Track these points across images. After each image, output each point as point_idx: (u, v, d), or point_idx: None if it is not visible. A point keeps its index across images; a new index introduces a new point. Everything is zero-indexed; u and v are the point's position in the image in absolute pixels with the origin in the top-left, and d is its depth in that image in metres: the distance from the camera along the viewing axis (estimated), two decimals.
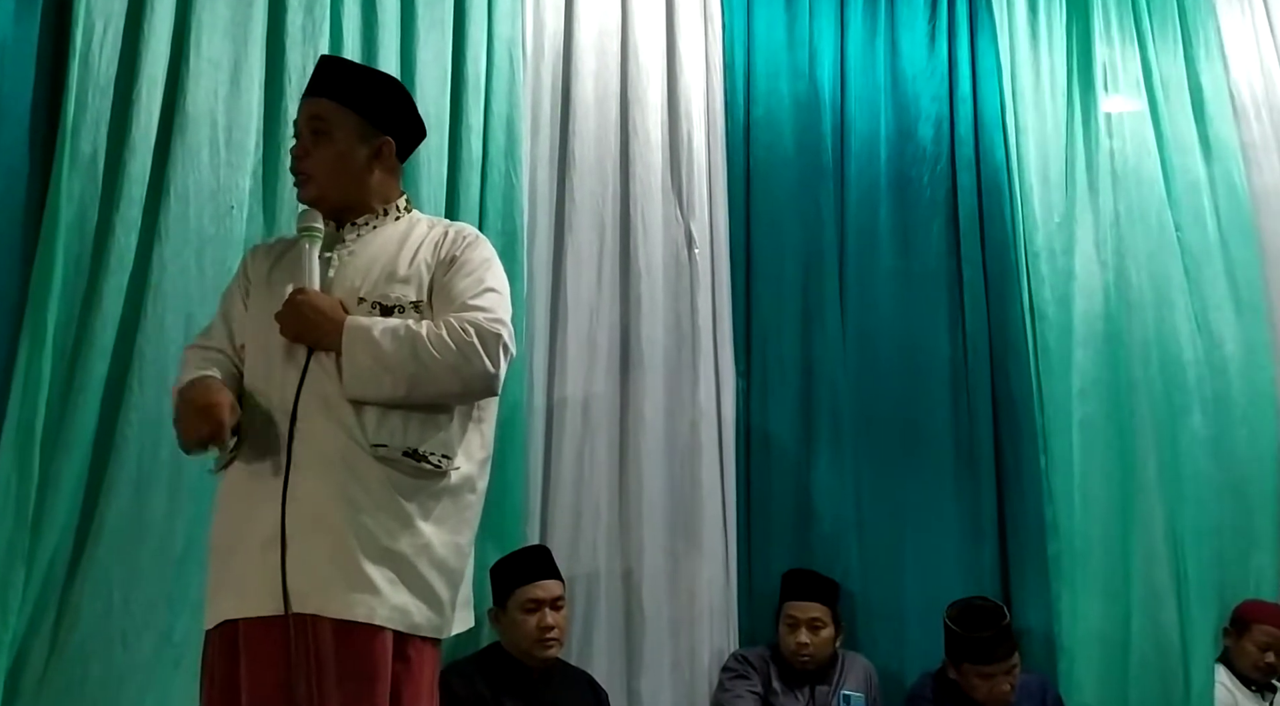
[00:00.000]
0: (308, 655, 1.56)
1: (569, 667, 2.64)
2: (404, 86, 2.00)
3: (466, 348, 1.68)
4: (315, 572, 1.58)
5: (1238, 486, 3.30)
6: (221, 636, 1.63)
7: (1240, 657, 3.12)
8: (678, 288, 3.10)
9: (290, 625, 1.55)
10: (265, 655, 1.57)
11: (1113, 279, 3.39)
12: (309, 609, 1.57)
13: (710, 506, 2.99)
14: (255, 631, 1.59)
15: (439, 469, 1.69)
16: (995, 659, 2.73)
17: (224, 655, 1.62)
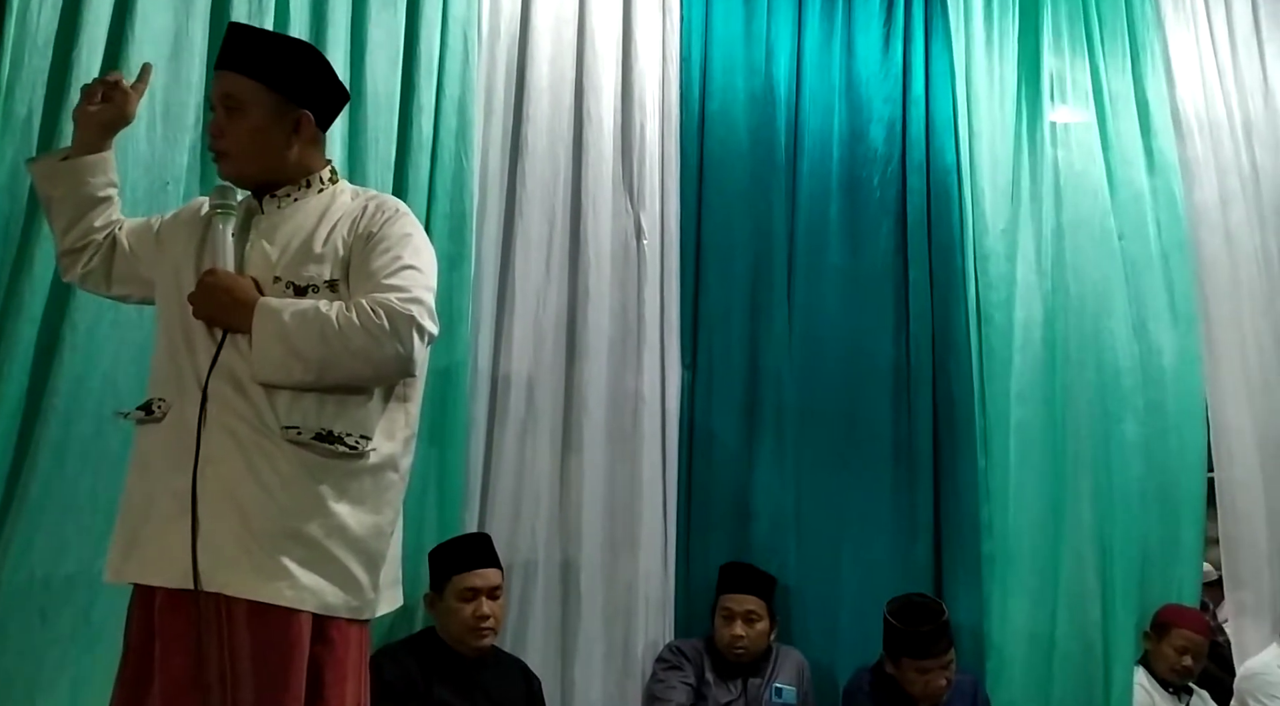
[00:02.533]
0: (219, 634, 1.54)
1: (503, 655, 2.63)
2: (319, 52, 1.93)
3: (376, 330, 1.64)
4: (223, 551, 1.56)
5: (1165, 493, 3.37)
6: (141, 598, 1.65)
7: (1159, 660, 3.20)
8: (625, 278, 3.09)
9: (200, 602, 1.56)
10: (178, 634, 1.56)
11: (1051, 286, 3.45)
12: (218, 588, 1.56)
13: (650, 497, 3.00)
14: (170, 603, 1.58)
15: (356, 450, 1.67)
16: (933, 654, 2.77)
17: (142, 620, 1.64)
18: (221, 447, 1.60)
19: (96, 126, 1.85)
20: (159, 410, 1.67)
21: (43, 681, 2.12)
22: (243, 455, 1.60)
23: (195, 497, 1.57)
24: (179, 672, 1.55)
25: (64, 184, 1.84)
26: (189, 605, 1.56)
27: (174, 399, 1.66)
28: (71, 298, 2.24)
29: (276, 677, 1.56)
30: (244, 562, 1.57)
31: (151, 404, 1.69)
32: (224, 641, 1.55)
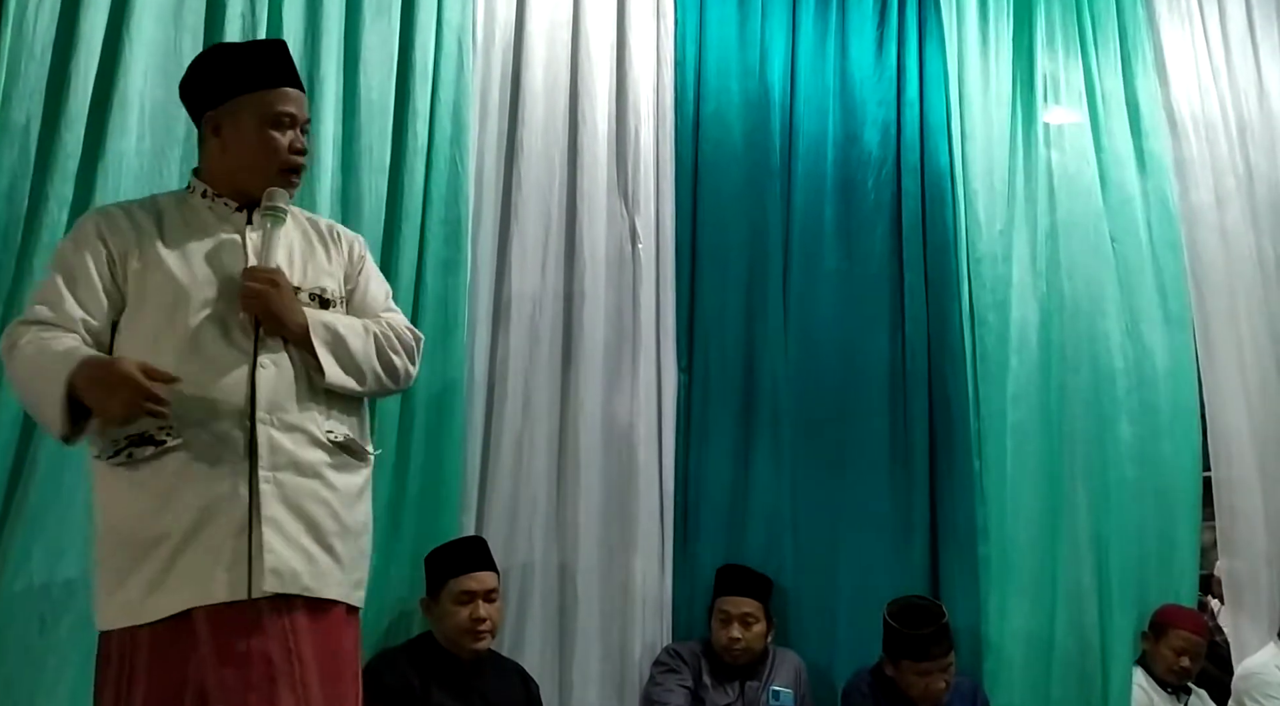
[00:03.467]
0: (285, 636, 1.58)
1: (500, 658, 2.63)
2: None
3: (410, 350, 1.89)
4: (290, 555, 1.61)
5: (1160, 494, 3.38)
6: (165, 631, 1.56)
7: (1157, 661, 3.21)
8: (620, 282, 3.10)
9: (262, 608, 1.58)
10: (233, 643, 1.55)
11: (1047, 287, 3.46)
12: (285, 589, 1.60)
13: (647, 500, 3.01)
14: (222, 617, 1.56)
15: (366, 454, 1.82)
16: (933, 656, 2.78)
17: (163, 652, 1.55)
18: (280, 455, 1.64)
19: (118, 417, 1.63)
20: (169, 437, 1.59)
21: (42, 688, 2.13)
22: (297, 460, 1.67)
23: (256, 505, 1.60)
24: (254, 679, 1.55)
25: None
26: (244, 613, 1.56)
27: (183, 417, 1.59)
28: None
29: (341, 672, 1.67)
30: (310, 563, 1.64)
31: (156, 434, 1.59)
32: (290, 642, 1.59)
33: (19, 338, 1.64)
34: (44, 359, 1.60)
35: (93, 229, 1.72)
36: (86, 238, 1.71)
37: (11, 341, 1.65)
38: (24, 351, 1.62)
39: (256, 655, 1.54)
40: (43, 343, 1.61)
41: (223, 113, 1.77)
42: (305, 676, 1.58)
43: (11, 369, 1.66)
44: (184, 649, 1.54)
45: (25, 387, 1.64)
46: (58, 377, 1.56)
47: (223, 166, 1.78)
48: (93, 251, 1.70)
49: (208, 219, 1.77)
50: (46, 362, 1.59)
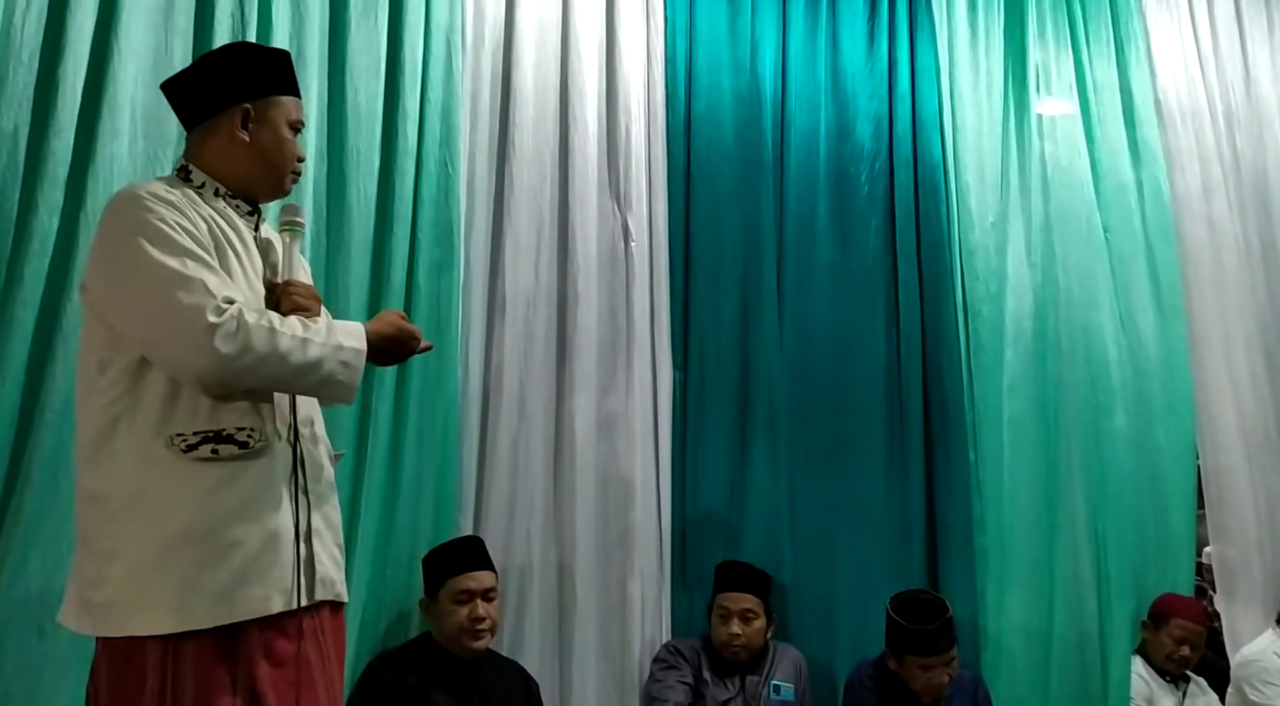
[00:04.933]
0: (317, 636, 1.62)
1: (500, 658, 2.63)
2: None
3: None
4: (329, 564, 1.67)
5: (1156, 484, 3.39)
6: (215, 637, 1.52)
7: (1156, 650, 3.21)
8: (614, 281, 3.10)
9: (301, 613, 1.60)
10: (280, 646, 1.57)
11: (1041, 279, 3.46)
12: (326, 596, 1.65)
13: (644, 498, 3.01)
14: (272, 622, 1.56)
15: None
16: (937, 651, 2.78)
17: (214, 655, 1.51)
18: (317, 466, 1.69)
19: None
20: (253, 441, 1.58)
21: (41, 696, 2.12)
22: (325, 475, 1.72)
23: (310, 516, 1.64)
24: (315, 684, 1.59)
25: None
26: (294, 621, 1.58)
27: (259, 425, 1.60)
28: (63, 311, 2.25)
29: (341, 669, 1.71)
30: (338, 569, 1.70)
31: (236, 434, 1.57)
32: (326, 646, 1.64)
33: (238, 315, 1.54)
34: (316, 329, 1.61)
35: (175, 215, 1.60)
36: (181, 218, 1.60)
37: (229, 320, 1.53)
38: (277, 322, 1.58)
39: (300, 657, 1.57)
40: (284, 320, 1.60)
41: (260, 107, 1.73)
42: (331, 673, 1.64)
43: (270, 341, 1.55)
44: (233, 656, 1.53)
45: (300, 356, 1.58)
46: (357, 342, 1.65)
47: (239, 164, 1.72)
48: (200, 236, 1.61)
49: (235, 221, 1.71)
50: (316, 331, 1.62)
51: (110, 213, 1.62)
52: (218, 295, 1.54)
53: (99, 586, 1.52)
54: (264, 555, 1.55)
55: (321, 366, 1.59)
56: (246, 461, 1.57)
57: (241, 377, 1.56)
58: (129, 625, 1.50)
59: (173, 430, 1.54)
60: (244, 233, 1.71)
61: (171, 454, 1.53)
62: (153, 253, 1.54)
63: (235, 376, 1.55)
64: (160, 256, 1.54)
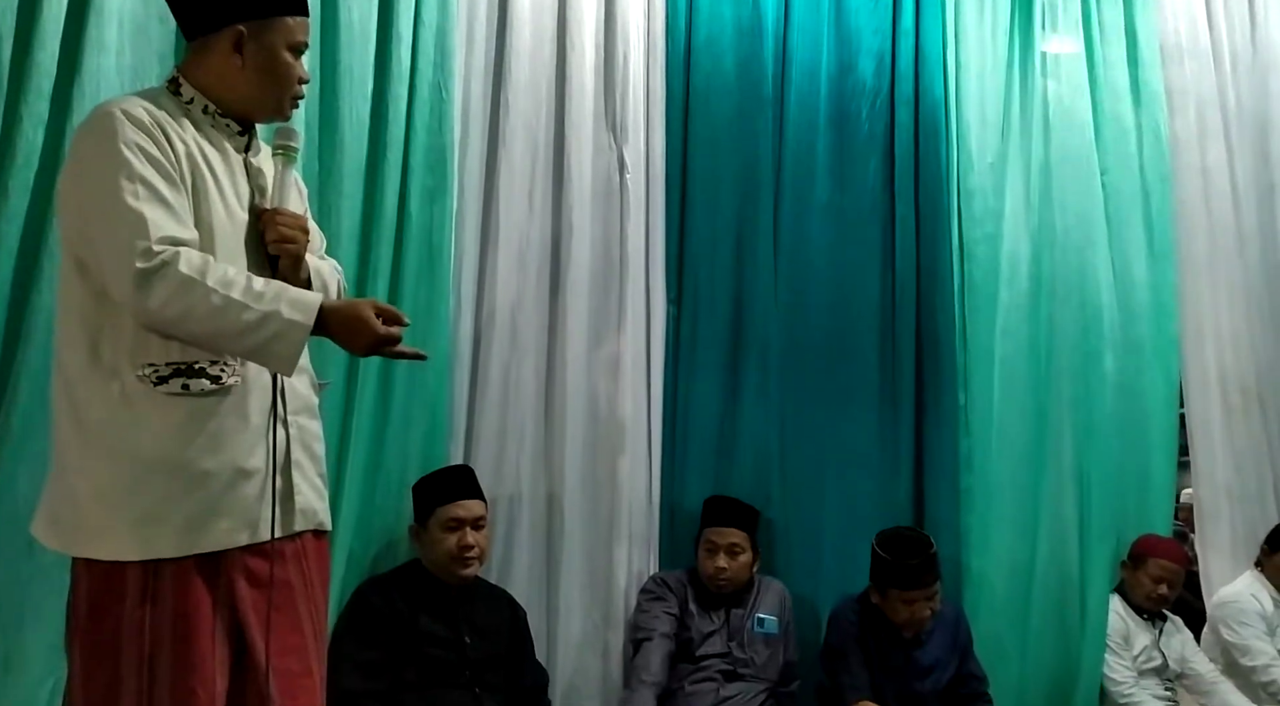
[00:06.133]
0: (300, 561, 1.62)
1: (488, 585, 2.66)
2: None
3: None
4: (311, 494, 1.66)
5: (1140, 428, 3.42)
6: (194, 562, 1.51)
7: (1135, 589, 3.27)
8: (608, 213, 3.07)
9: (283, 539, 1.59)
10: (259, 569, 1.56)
11: (1038, 222, 3.44)
12: (308, 526, 1.64)
13: (635, 431, 3.02)
14: (251, 548, 1.56)
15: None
16: (920, 585, 2.82)
17: (193, 578, 1.51)
18: (298, 397, 1.66)
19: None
20: (225, 375, 1.55)
21: (29, 611, 2.13)
22: (309, 405, 1.69)
23: (288, 451, 1.62)
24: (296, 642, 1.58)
25: None
26: (267, 547, 1.56)
27: (236, 358, 1.57)
28: (49, 226, 2.19)
29: (327, 596, 1.72)
30: (321, 499, 1.69)
31: (209, 367, 1.54)
32: (307, 577, 1.63)
33: (186, 260, 1.48)
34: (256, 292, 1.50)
35: (145, 138, 1.53)
36: (149, 144, 1.53)
37: (173, 263, 1.47)
38: (214, 276, 1.49)
39: (279, 581, 1.57)
40: (226, 274, 1.51)
41: (256, 28, 1.64)
42: (315, 597, 1.65)
43: (194, 297, 1.47)
44: (214, 580, 1.53)
45: (230, 318, 1.49)
46: (301, 316, 1.51)
47: (233, 85, 1.64)
48: (163, 161, 1.54)
49: (220, 141, 1.65)
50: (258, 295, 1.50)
51: (81, 128, 1.59)
52: (154, 236, 1.46)
53: (67, 505, 1.53)
54: (234, 489, 1.54)
55: (251, 334, 1.49)
56: (219, 396, 1.55)
57: (169, 329, 1.50)
58: (92, 548, 1.50)
59: (146, 358, 1.52)
60: (230, 155, 1.65)
61: (144, 385, 1.51)
62: (107, 180, 1.49)
63: (161, 326, 1.50)
64: (114, 184, 1.48)
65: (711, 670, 2.83)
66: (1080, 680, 3.19)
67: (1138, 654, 3.23)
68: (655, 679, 2.73)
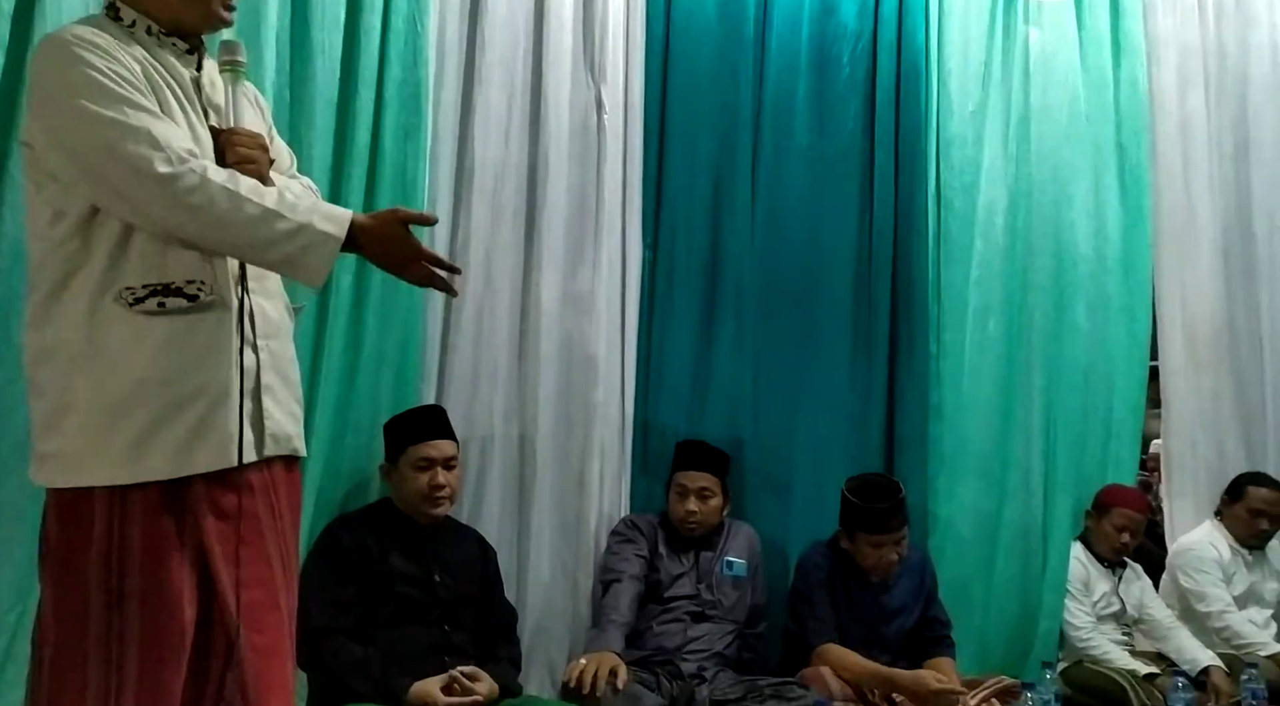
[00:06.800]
0: (268, 492, 1.59)
1: (459, 525, 2.66)
2: None
3: None
4: (284, 419, 1.62)
5: (1109, 379, 3.46)
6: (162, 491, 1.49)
7: (1098, 537, 3.33)
8: (585, 154, 3.03)
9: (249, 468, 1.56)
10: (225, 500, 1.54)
11: (1016, 172, 3.44)
12: (280, 451, 1.61)
13: (608, 374, 3.01)
14: (218, 478, 1.53)
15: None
16: (887, 529, 2.86)
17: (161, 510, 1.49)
18: (269, 321, 1.62)
19: None
20: (202, 294, 1.52)
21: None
22: (281, 329, 1.65)
23: (260, 370, 1.58)
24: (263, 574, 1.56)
25: None
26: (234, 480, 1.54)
27: (209, 278, 1.54)
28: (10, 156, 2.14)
29: (298, 525, 1.70)
30: (294, 424, 1.65)
31: (185, 287, 1.51)
32: (276, 509, 1.60)
33: (215, 171, 1.48)
34: (290, 203, 1.50)
35: (105, 61, 1.49)
36: (113, 65, 1.49)
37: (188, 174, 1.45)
38: (246, 186, 1.49)
39: (247, 512, 1.55)
40: (256, 184, 1.51)
41: None
42: (284, 529, 1.62)
43: (231, 204, 1.47)
44: (180, 510, 1.51)
45: (265, 228, 1.49)
46: (334, 228, 1.51)
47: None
48: (135, 85, 1.49)
49: (170, 62, 1.60)
50: (291, 206, 1.50)
51: (39, 62, 1.53)
52: (167, 146, 1.46)
53: (51, 438, 1.50)
54: (216, 410, 1.52)
55: (285, 244, 1.49)
56: (195, 315, 1.53)
57: (194, 238, 1.50)
58: (81, 476, 1.48)
59: (122, 284, 1.50)
60: (181, 73, 1.61)
61: (120, 308, 1.49)
62: (90, 107, 1.46)
63: (191, 234, 1.49)
64: (98, 109, 1.46)
65: (679, 611, 2.87)
66: (1040, 624, 3.26)
67: (1097, 600, 3.30)
68: (624, 619, 2.76)
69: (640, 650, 2.75)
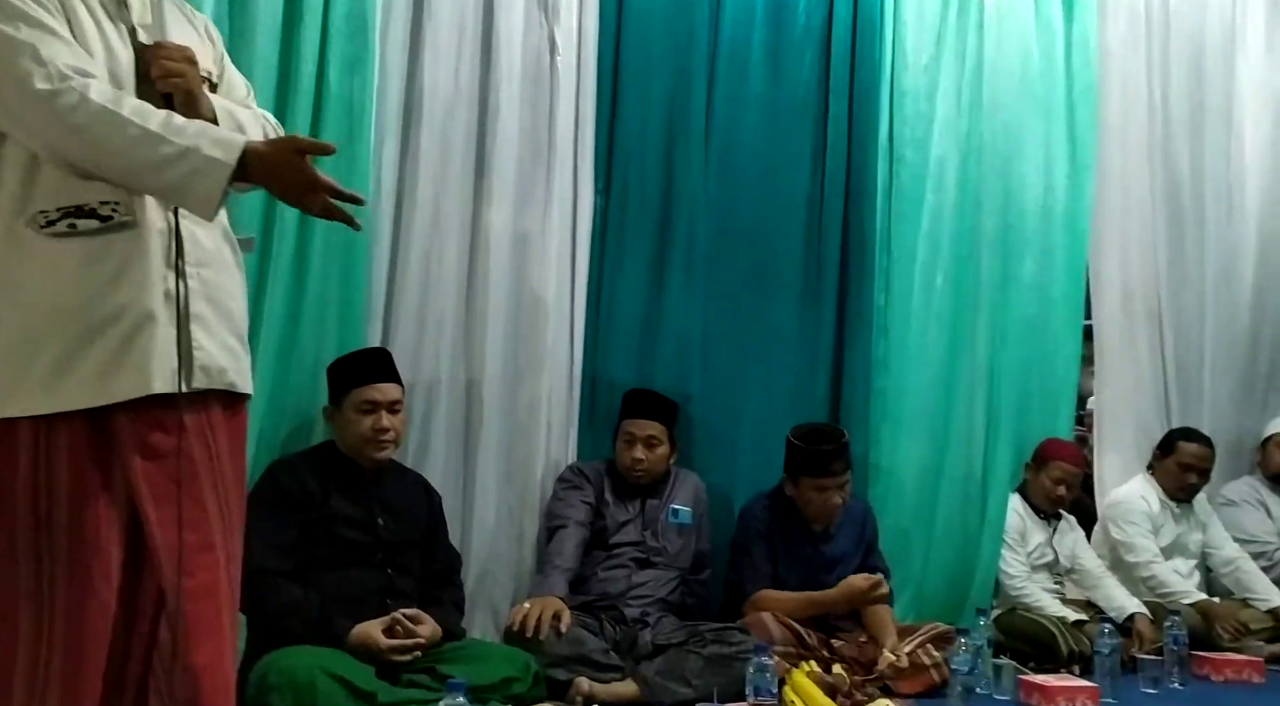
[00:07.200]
0: (204, 432, 1.53)
1: (403, 469, 2.63)
2: None
3: None
4: (216, 351, 1.55)
5: (1049, 334, 3.53)
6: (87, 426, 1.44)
7: (1036, 489, 3.41)
8: (537, 95, 2.97)
9: (182, 405, 1.49)
10: (155, 439, 1.48)
11: (968, 127, 3.45)
12: (212, 385, 1.53)
13: (557, 322, 2.99)
14: (146, 415, 1.47)
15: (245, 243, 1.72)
16: (831, 473, 2.90)
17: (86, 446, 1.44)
18: (203, 248, 1.55)
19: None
20: (117, 214, 1.45)
21: None
22: (220, 252, 1.58)
23: (184, 297, 1.50)
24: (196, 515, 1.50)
25: None
26: (173, 407, 1.48)
27: (124, 199, 1.47)
28: None
29: (242, 466, 1.63)
30: (230, 357, 1.57)
31: (99, 208, 1.45)
32: (214, 450, 1.54)
33: (98, 90, 1.40)
34: (177, 127, 1.42)
35: None
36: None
37: (67, 91, 1.39)
38: (130, 107, 1.41)
39: (180, 451, 1.49)
40: (143, 107, 1.43)
41: None
42: (222, 470, 1.56)
43: (110, 126, 1.40)
44: (107, 446, 1.46)
45: (146, 151, 1.42)
46: (222, 154, 1.42)
47: None
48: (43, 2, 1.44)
49: None
50: (178, 129, 1.42)
51: None
52: (50, 62, 1.39)
53: None
54: (136, 335, 1.46)
55: (169, 168, 1.41)
56: (110, 235, 1.46)
57: (80, 160, 1.43)
58: (3, 407, 1.44)
59: (34, 207, 1.44)
60: None
61: (32, 232, 1.44)
62: None
63: (74, 156, 1.43)
64: None
65: (624, 557, 2.88)
66: (977, 574, 3.34)
67: (1032, 550, 3.39)
68: (568, 564, 2.76)
69: (584, 595, 2.77)
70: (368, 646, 2.24)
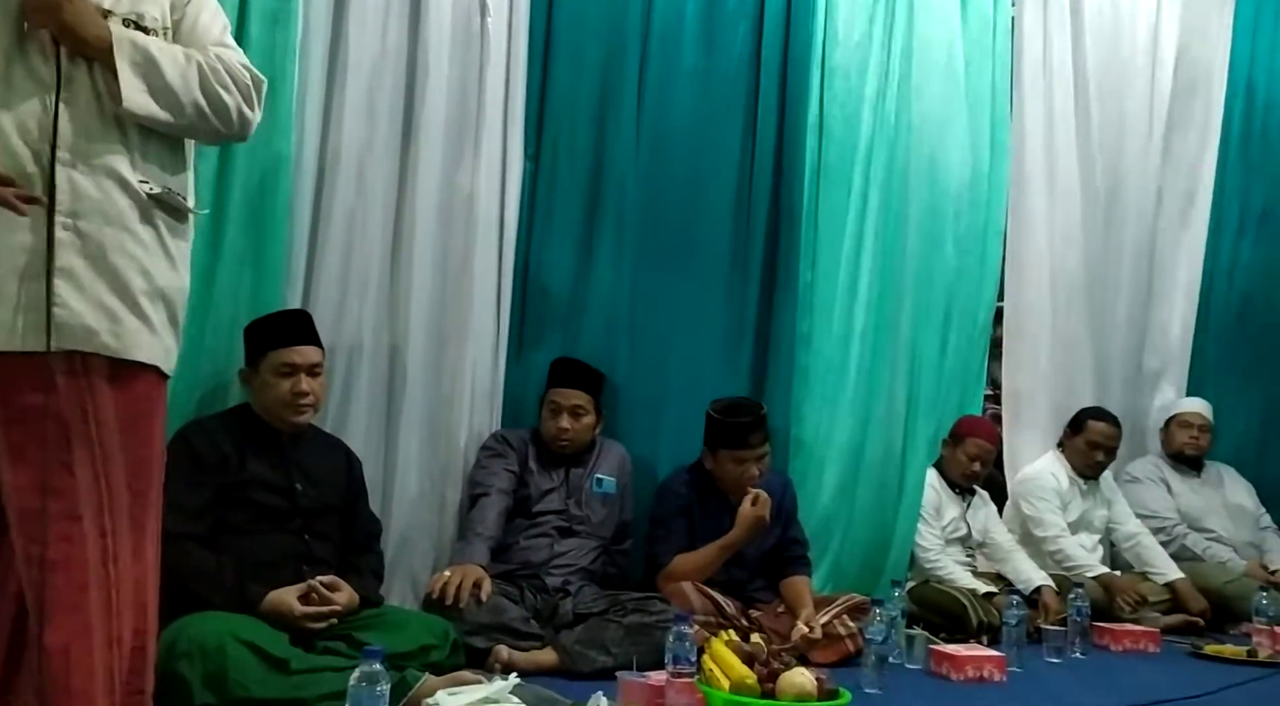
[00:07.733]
0: (80, 395, 1.47)
1: (322, 433, 2.58)
2: None
3: (245, 90, 1.71)
4: (85, 310, 1.48)
5: (967, 315, 3.61)
6: None
7: (952, 465, 3.49)
8: (467, 56, 2.92)
9: (56, 367, 1.44)
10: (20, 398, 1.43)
11: (897, 104, 3.49)
12: (79, 347, 1.47)
13: (483, 288, 2.95)
14: (10, 373, 1.42)
15: (187, 213, 1.67)
16: (749, 445, 2.93)
17: None
18: (84, 201, 1.49)
19: None
20: None
21: None
22: (108, 211, 1.52)
23: (52, 250, 1.44)
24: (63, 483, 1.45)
25: None
26: (39, 366, 1.42)
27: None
28: None
29: (143, 438, 1.56)
30: (114, 321, 1.51)
31: None
32: (87, 402, 1.48)
33: None
34: None
35: None
36: None
37: None
38: None
39: (48, 413, 1.44)
40: None
41: None
42: (103, 436, 1.50)
43: None
44: None
45: None
46: None
47: None
48: None
49: None
50: None
51: None
52: None
53: None
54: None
55: None
56: None
57: None
58: None
59: None
60: None
61: None
62: None
63: None
64: None
65: (547, 526, 2.87)
66: (893, 547, 3.42)
67: (946, 524, 3.47)
68: (489, 532, 2.75)
69: (506, 564, 2.76)
70: (282, 613, 2.20)
